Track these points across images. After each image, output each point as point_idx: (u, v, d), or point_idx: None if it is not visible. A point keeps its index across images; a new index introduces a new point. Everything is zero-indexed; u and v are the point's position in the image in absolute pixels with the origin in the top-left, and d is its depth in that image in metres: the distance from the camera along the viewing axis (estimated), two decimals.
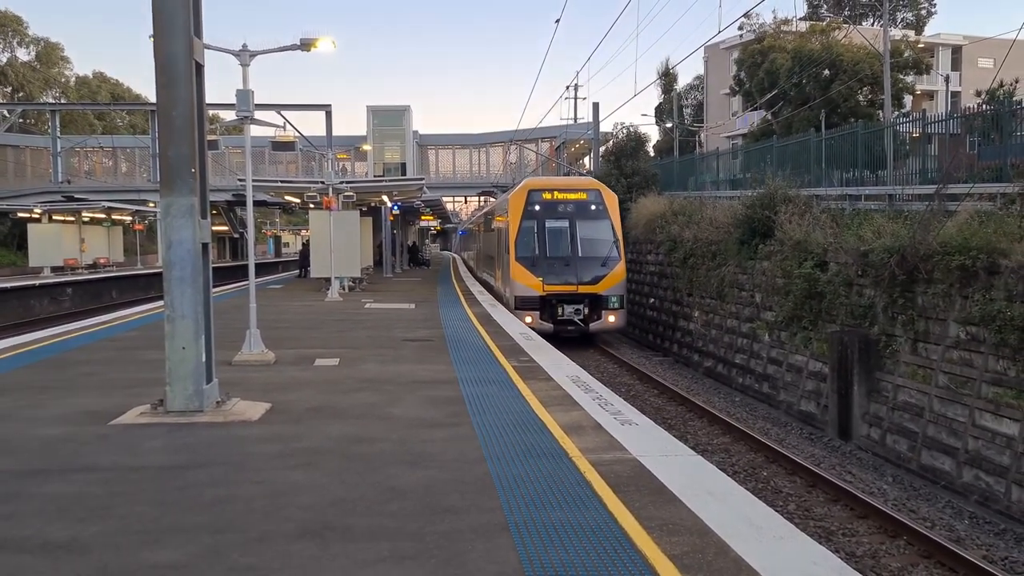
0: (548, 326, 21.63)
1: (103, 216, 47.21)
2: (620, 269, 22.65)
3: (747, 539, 4.88)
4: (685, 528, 5.08)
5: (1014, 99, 19.76)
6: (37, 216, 43.21)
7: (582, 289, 22.06)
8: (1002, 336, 11.56)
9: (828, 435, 14.91)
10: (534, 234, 22.74)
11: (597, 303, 22.23)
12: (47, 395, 9.38)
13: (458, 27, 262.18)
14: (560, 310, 22.04)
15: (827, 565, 4.56)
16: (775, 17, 53.03)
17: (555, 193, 23.38)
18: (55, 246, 41.75)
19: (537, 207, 23.00)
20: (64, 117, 63.84)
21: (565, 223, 22.84)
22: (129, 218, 50.36)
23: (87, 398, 9.22)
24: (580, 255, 22.49)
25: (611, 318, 22.36)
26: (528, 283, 22.13)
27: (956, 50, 62.83)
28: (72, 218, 44.85)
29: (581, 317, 22.11)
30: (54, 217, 43.95)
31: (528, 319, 20.75)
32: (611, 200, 23.56)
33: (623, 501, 5.58)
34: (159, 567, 4.56)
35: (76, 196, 49.10)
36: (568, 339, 21.78)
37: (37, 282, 34.63)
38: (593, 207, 23.18)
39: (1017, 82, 29.39)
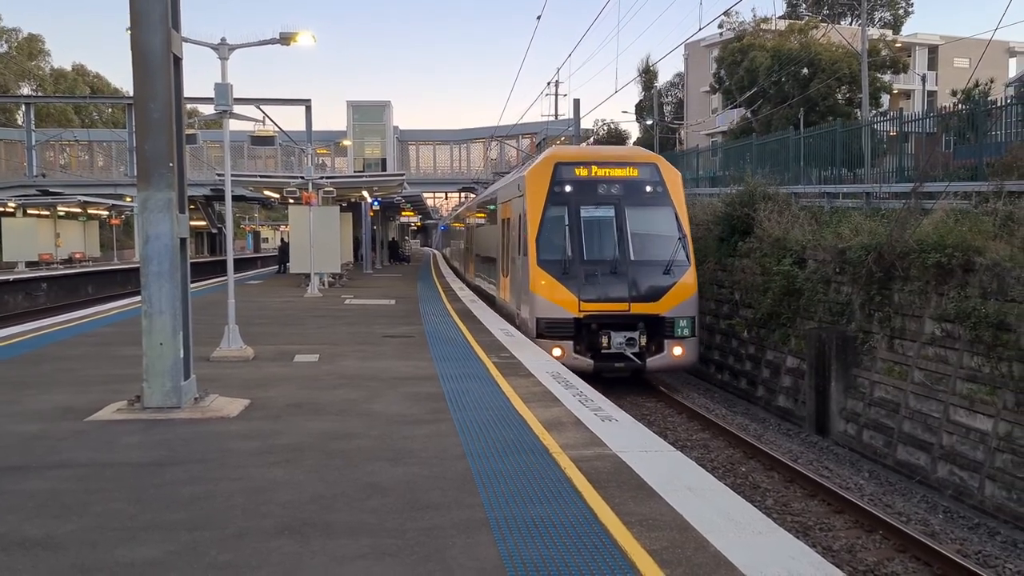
0: (586, 362, 15.39)
1: (79, 210, 46.70)
2: (690, 279, 16.08)
3: (726, 534, 4.92)
4: (665, 523, 5.11)
5: (989, 99, 20.01)
6: (11, 210, 42.63)
7: (636, 308, 15.66)
8: (976, 333, 11.70)
9: (806, 431, 15.03)
10: (564, 227, 16.07)
11: (658, 329, 15.75)
12: (22, 391, 9.27)
13: (439, 23, 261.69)
14: (605, 339, 15.52)
15: (805, 560, 4.59)
16: (755, 16, 53.24)
17: (593, 168, 16.65)
18: (30, 240, 41.22)
19: (568, 188, 16.40)
20: (40, 110, 63.02)
21: (610, 211, 16.28)
22: (105, 212, 49.89)
23: (63, 394, 9.12)
24: (632, 258, 15.92)
25: (677, 350, 15.74)
26: (556, 299, 15.68)
27: (933, 50, 63.47)
28: (47, 212, 44.31)
29: (635, 350, 15.56)
30: (29, 211, 43.39)
31: (557, 351, 14.86)
32: (673, 178, 16.93)
33: (603, 497, 5.60)
34: (136, 564, 4.52)
35: (51, 190, 48.50)
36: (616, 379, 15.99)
37: (11, 277, 34.16)
38: (648, 188, 16.56)
39: (992, 82, 29.77)
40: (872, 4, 61.50)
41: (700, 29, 42.90)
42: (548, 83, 48.18)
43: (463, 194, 58.87)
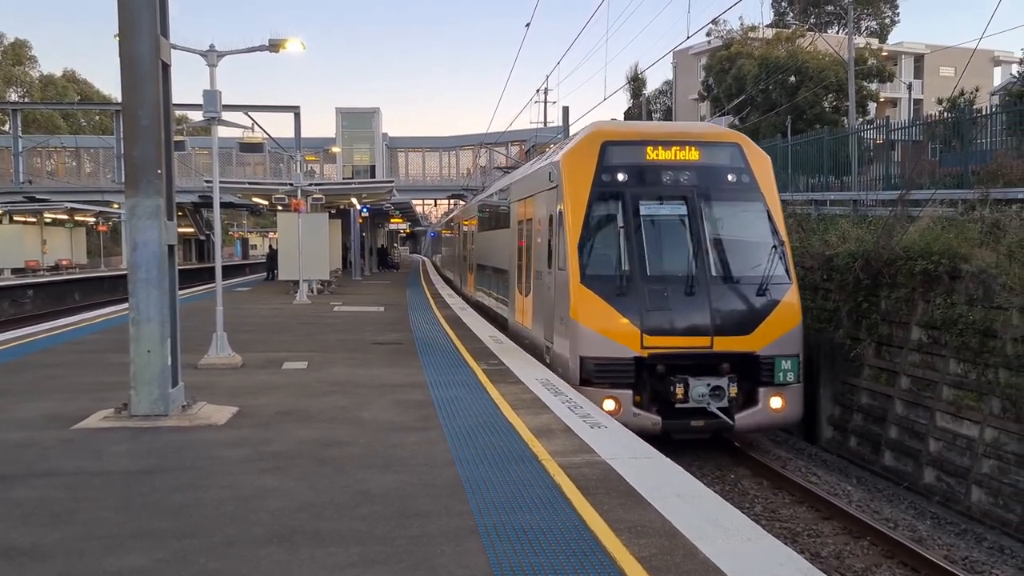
0: (652, 420, 11.19)
1: (66, 217, 46.49)
2: (792, 302, 11.86)
3: (715, 541, 4.93)
4: (654, 530, 5.12)
5: (974, 107, 20.19)
6: None
7: (721, 344, 11.33)
8: (963, 339, 11.78)
9: (794, 438, 15.08)
10: (618, 230, 11.86)
11: (751, 372, 11.45)
12: (8, 399, 9.21)
13: (429, 31, 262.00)
14: (679, 388, 11.07)
15: (793, 566, 4.61)
16: (742, 24, 53.61)
17: (656, 150, 12.30)
18: (16, 247, 40.98)
19: (622, 176, 12.12)
20: (27, 116, 62.75)
21: (680, 208, 12.05)
22: (92, 219, 49.66)
23: (50, 402, 9.07)
24: (713, 273, 11.70)
25: (776, 402, 11.51)
26: (610, 330, 11.34)
27: (919, 58, 63.98)
28: (34, 219, 44.11)
29: (723, 403, 11.14)
30: (15, 218, 43.16)
31: (609, 404, 10.93)
32: (761, 164, 12.59)
33: (592, 504, 5.60)
34: (124, 573, 4.50)
35: (38, 196, 48.27)
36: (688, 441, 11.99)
37: None
38: (731, 176, 12.31)
39: (977, 90, 29.98)
40: (859, 13, 61.99)
41: (688, 37, 43.25)
42: (537, 90, 48.27)
43: (452, 201, 58.88)
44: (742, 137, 13.02)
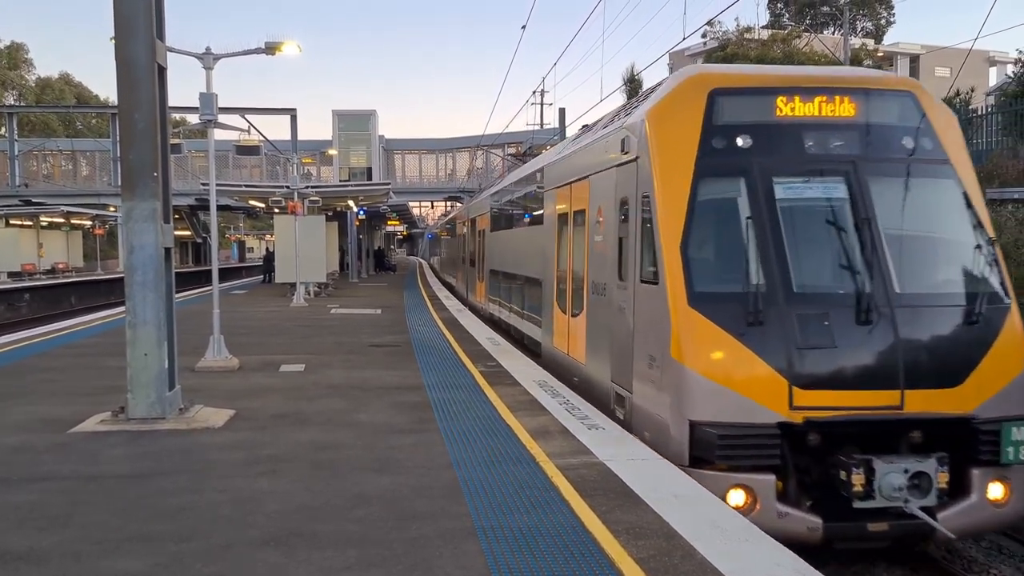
0: (810, 523, 6.80)
1: (62, 220, 46.45)
2: (1017, 332, 7.45)
3: (713, 542, 4.93)
4: (652, 531, 5.12)
5: (970, 108, 20.22)
6: None
7: (916, 404, 6.96)
8: None
9: None
10: (744, 224, 7.43)
11: (961, 445, 7.04)
12: (4, 403, 9.19)
13: (426, 33, 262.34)
14: (856, 477, 6.63)
15: (790, 566, 4.62)
16: (738, 25, 53.64)
17: (792, 102, 7.92)
18: (12, 251, 41.00)
19: (741, 142, 7.76)
20: (23, 120, 62.69)
21: (836, 190, 7.71)
22: (89, 223, 49.62)
23: (46, 406, 9.05)
24: (896, 289, 7.30)
25: (996, 490, 7.06)
26: (738, 381, 6.93)
27: (914, 59, 64.11)
28: (30, 223, 44.05)
29: (927, 499, 6.72)
30: (11, 221, 43.12)
31: (738, 497, 6.72)
32: (945, 121, 8.32)
33: (590, 505, 5.60)
34: None
35: (34, 200, 48.20)
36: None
37: None
38: (906, 141, 8.03)
39: (973, 91, 30.02)
40: (854, 14, 62.15)
41: (684, 39, 43.27)
42: (533, 92, 48.29)
43: (448, 203, 58.92)
44: (915, 84, 8.71)
